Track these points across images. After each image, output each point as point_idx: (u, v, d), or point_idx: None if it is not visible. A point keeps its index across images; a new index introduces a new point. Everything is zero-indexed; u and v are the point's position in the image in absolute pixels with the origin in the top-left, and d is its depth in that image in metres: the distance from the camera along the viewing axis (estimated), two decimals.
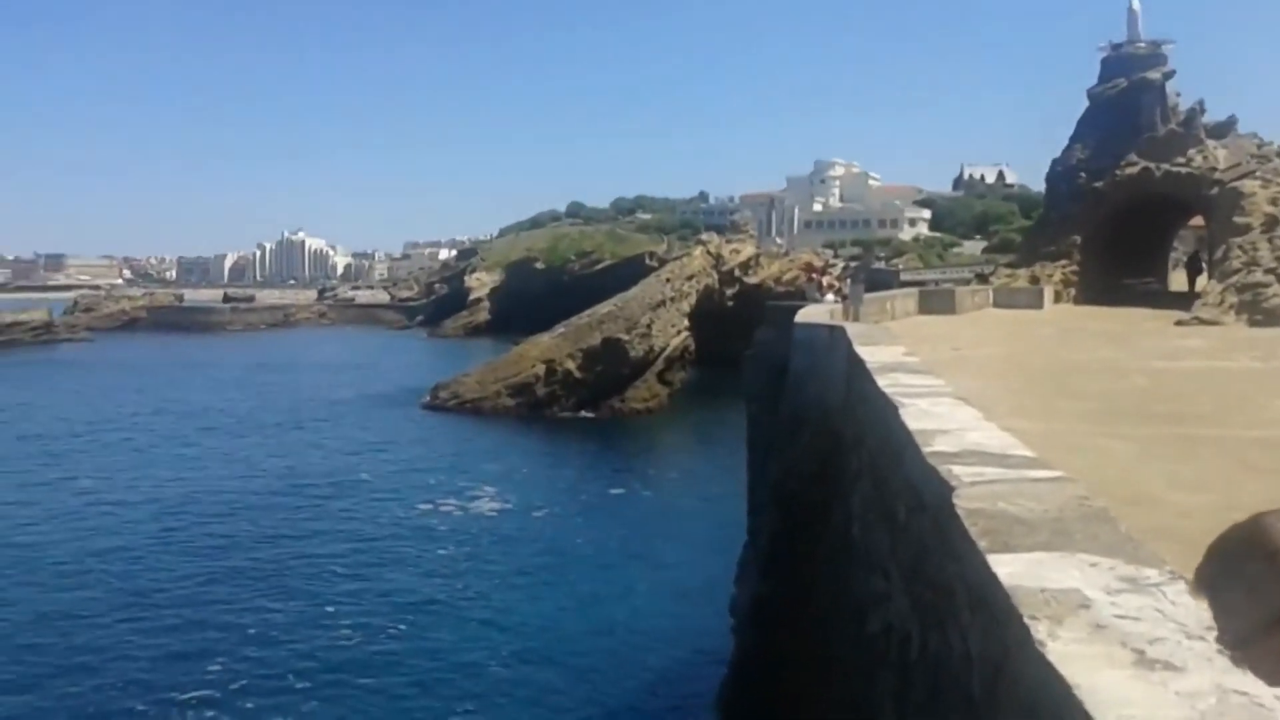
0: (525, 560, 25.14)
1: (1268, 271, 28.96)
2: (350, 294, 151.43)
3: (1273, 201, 32.57)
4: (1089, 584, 3.17)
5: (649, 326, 52.37)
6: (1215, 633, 1.73)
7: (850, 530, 9.70)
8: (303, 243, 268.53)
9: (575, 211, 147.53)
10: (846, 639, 8.63)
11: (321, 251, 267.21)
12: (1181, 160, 36.71)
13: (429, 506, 30.15)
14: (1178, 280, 42.20)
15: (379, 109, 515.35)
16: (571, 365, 49.44)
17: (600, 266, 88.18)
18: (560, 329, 52.34)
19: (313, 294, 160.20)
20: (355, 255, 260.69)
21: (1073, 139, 41.51)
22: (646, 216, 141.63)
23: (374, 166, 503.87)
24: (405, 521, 28.69)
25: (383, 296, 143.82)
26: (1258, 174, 34.87)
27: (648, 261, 74.10)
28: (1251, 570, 1.66)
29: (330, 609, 21.29)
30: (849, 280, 33.48)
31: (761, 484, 18.07)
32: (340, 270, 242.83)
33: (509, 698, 17.35)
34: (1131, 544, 3.56)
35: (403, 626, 20.33)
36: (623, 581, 23.55)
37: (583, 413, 48.26)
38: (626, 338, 50.54)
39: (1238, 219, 32.22)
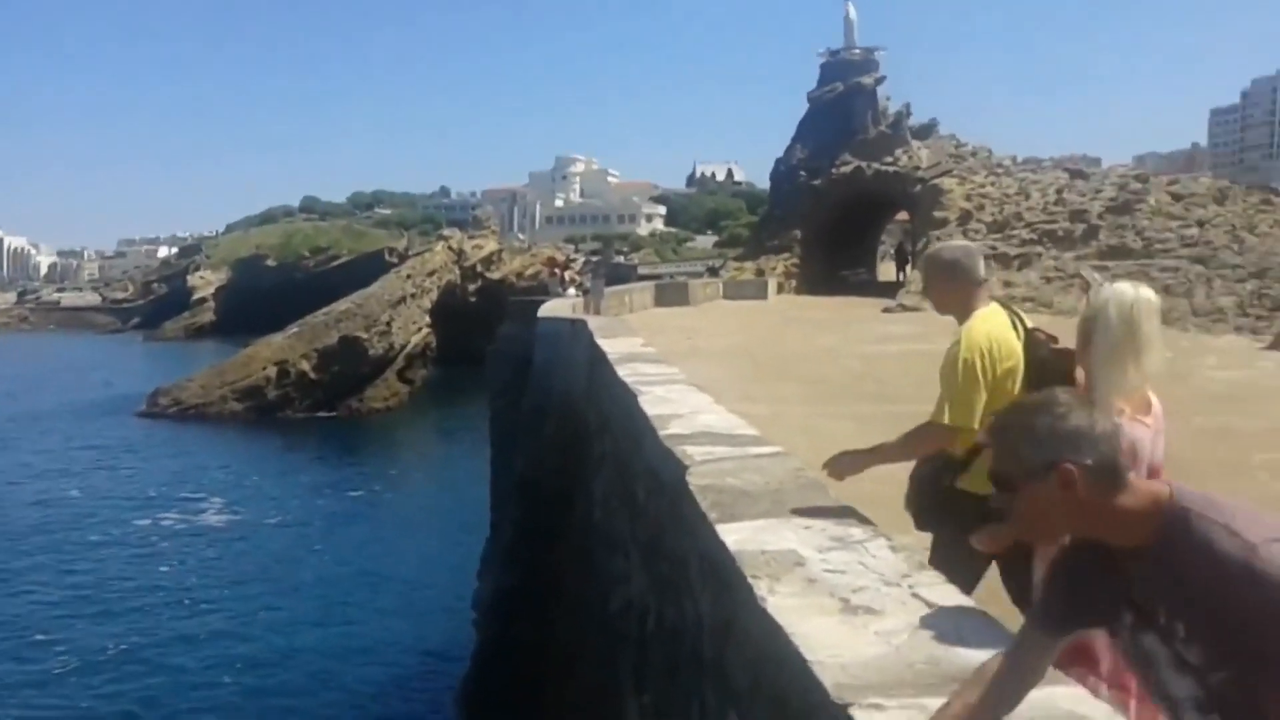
0: (258, 570, 24.00)
1: None
2: (55, 296, 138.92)
3: (967, 197, 35.91)
4: (804, 544, 3.46)
5: (389, 324, 51.23)
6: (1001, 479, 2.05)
7: (593, 516, 9.95)
8: (0, 240, 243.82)
9: (310, 206, 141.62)
10: (591, 623, 8.85)
11: (22, 250, 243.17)
12: (890, 160, 39.79)
13: (148, 522, 28.07)
14: (886, 271, 45.67)
15: (87, 93, 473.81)
16: (306, 366, 47.59)
17: (337, 263, 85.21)
18: (294, 328, 50.22)
19: (11, 296, 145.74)
20: (61, 254, 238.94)
21: (794, 139, 44.12)
22: (386, 212, 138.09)
23: (83, 156, 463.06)
24: (122, 540, 26.66)
25: (93, 298, 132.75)
26: (954, 172, 38.38)
27: (387, 258, 72.39)
28: (1038, 424, 1.97)
29: (40, 636, 19.55)
30: (590, 275, 34.09)
31: (504, 477, 18.17)
32: (44, 270, 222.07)
33: (242, 713, 16.57)
34: (841, 508, 3.91)
35: (124, 646, 18.95)
36: (364, 584, 22.96)
37: (320, 414, 46.60)
38: (365, 336, 49.24)
39: (937, 213, 35.28)
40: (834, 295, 34.99)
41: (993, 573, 3.99)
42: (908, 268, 38.62)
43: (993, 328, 3.97)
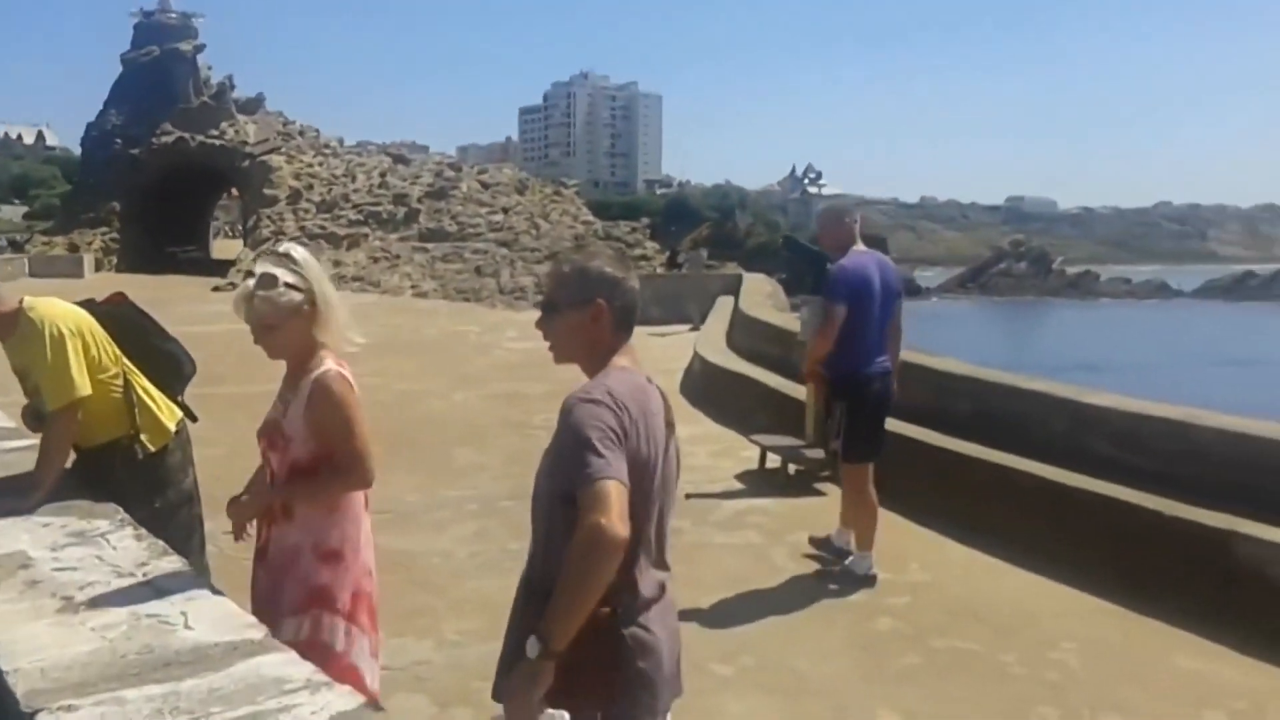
0: None
1: (293, 239, 31.74)
2: None
3: (296, 176, 35.78)
4: (36, 544, 3.21)
5: None
6: None
7: None
8: None
9: None
10: None
11: None
12: (216, 133, 38.22)
13: None
14: (225, 248, 43.97)
15: None
16: None
17: None
18: None
19: None
20: None
21: (107, 103, 40.53)
22: None
23: None
24: None
25: None
26: (283, 150, 37.98)
27: None
28: (590, 266, 2.39)
29: None
30: None
31: None
32: None
33: None
34: (88, 501, 3.66)
35: None
36: None
37: None
38: None
39: (268, 190, 34.74)
40: (163, 274, 32.77)
41: None
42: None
43: (51, 304, 3.87)
